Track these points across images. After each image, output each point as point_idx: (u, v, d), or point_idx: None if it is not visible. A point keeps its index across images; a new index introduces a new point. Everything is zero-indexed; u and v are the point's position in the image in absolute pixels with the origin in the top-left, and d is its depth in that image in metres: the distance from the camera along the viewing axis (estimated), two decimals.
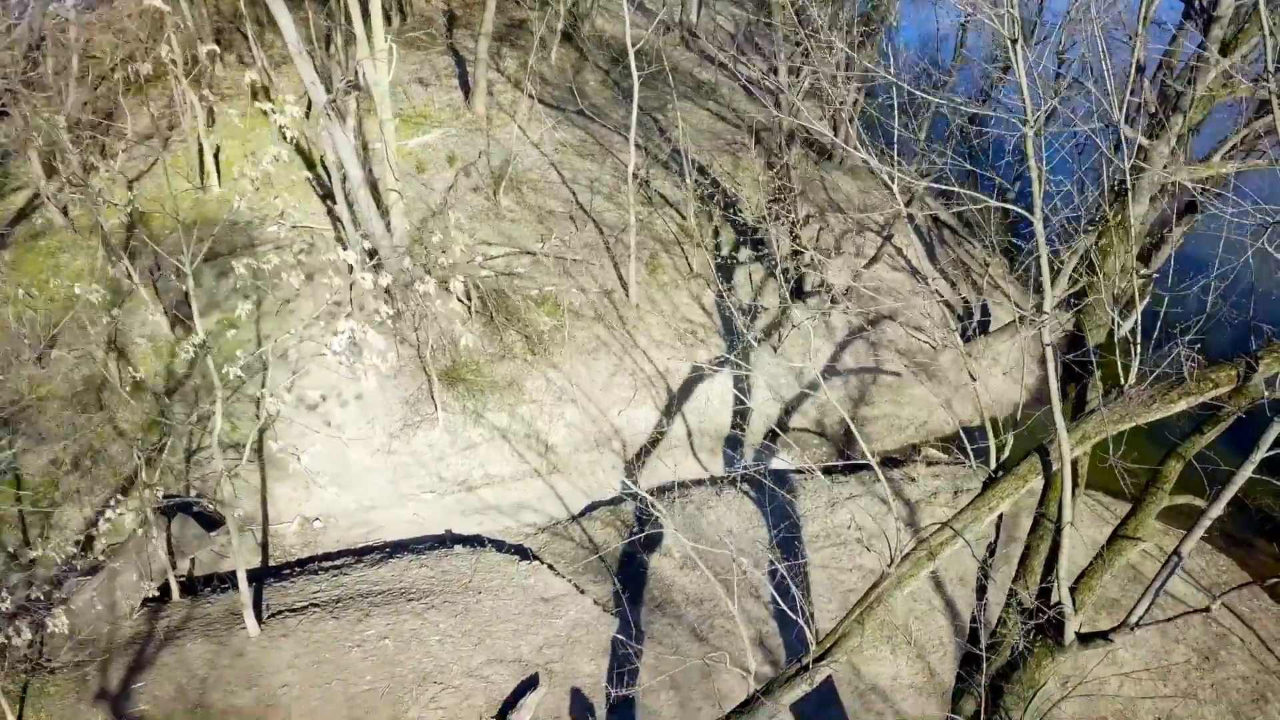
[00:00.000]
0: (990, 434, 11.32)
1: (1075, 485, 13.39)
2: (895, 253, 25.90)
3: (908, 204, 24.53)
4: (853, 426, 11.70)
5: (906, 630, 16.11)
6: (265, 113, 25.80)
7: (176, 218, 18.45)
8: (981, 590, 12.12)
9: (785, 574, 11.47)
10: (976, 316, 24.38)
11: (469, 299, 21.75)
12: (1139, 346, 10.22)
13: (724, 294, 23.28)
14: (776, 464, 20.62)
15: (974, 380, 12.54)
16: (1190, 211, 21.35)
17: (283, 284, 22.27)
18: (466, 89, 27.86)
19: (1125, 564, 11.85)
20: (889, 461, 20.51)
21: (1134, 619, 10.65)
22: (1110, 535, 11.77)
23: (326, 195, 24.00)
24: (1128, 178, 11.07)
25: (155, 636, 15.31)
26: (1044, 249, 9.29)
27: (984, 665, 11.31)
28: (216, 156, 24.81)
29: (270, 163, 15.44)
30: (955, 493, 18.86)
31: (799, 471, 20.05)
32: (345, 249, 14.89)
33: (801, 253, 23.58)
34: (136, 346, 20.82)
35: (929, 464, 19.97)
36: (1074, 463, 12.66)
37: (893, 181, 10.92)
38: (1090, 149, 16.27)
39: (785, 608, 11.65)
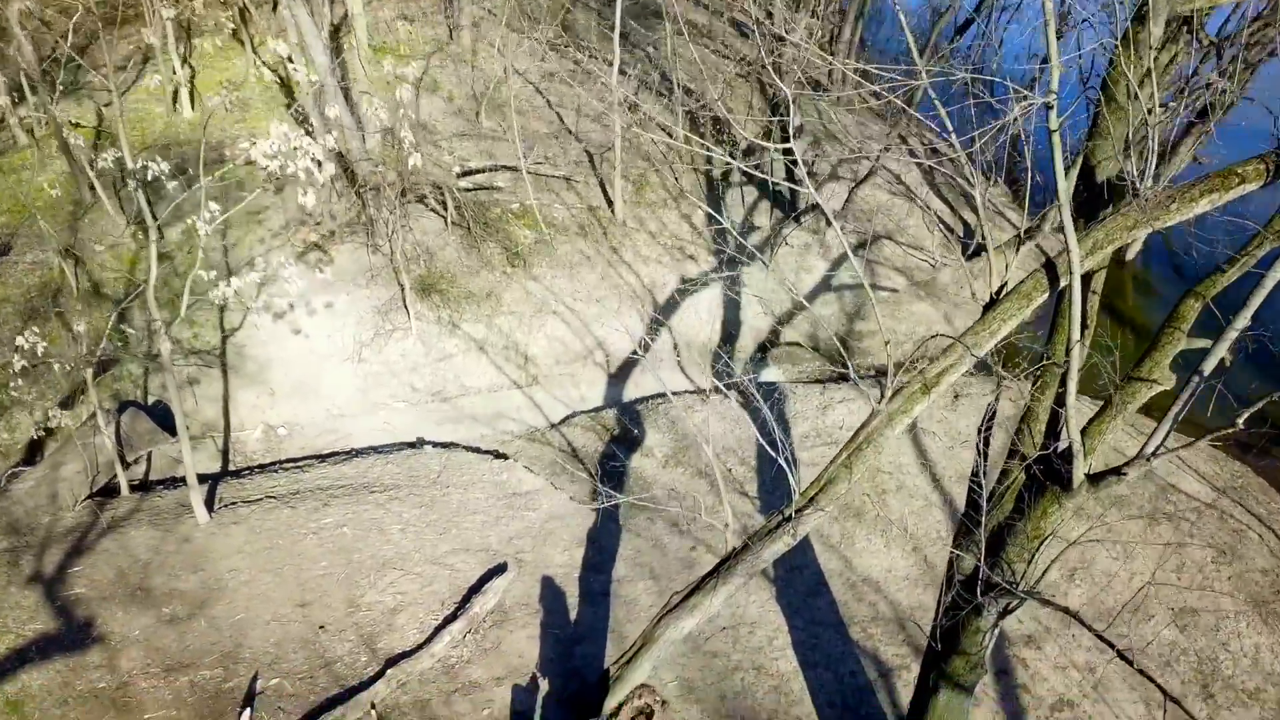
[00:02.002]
0: (990, 256, 10.32)
1: (1085, 326, 12.39)
2: (894, 179, 24.94)
3: (896, 120, 23.59)
4: (877, 311, 10.72)
5: (902, 524, 15.09)
6: (241, 41, 25.20)
7: (120, 116, 17.47)
8: (988, 417, 11.07)
9: (769, 416, 10.47)
10: (977, 237, 23.37)
11: (446, 209, 20.82)
12: (1155, 143, 9.20)
13: (715, 211, 22.34)
14: (766, 376, 19.64)
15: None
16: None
17: (251, 195, 21.57)
18: (452, 27, 27.05)
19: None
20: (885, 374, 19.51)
21: (1150, 449, 9.63)
22: (1123, 377, 10.76)
23: (303, 120, 23.16)
24: None
25: (98, 526, 14.32)
26: (1051, 14, 8.28)
27: (983, 513, 10.29)
28: (191, 83, 24.01)
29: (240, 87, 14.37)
30: (955, 396, 17.87)
31: (791, 382, 19.05)
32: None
33: (794, 171, 22.61)
34: (96, 255, 19.88)
35: None
36: (1084, 283, 11.65)
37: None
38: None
39: (766, 445, 10.66)
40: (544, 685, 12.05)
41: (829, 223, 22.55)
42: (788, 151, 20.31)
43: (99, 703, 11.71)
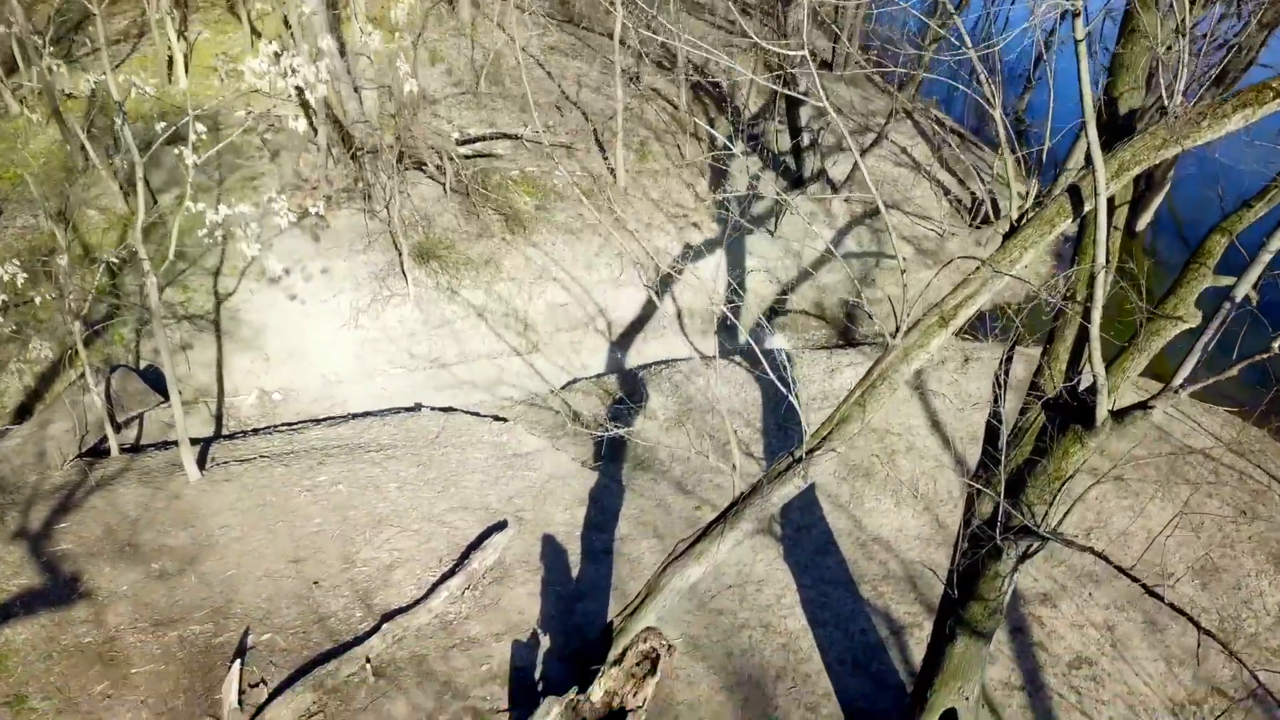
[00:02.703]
0: (1010, 181, 9.91)
1: (1109, 260, 11.98)
2: (900, 151, 24.55)
3: (898, 93, 23.19)
4: (899, 251, 10.28)
5: (912, 485, 14.69)
6: (237, 15, 24.84)
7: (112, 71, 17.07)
8: (1009, 349, 10.67)
9: (779, 355, 10.07)
10: (985, 209, 22.97)
11: (444, 174, 20.42)
12: (1186, 55, 8.78)
13: (719, 181, 21.95)
14: (772, 344, 19.24)
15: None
16: None
17: (247, 161, 21.19)
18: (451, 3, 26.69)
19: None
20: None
21: (1178, 381, 9.22)
22: (1147, 315, 10.36)
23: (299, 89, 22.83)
24: None
25: (86, 484, 13.92)
26: None
27: (1003, 452, 9.89)
28: (186, 57, 23.64)
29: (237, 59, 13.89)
30: (965, 359, 17.47)
31: (797, 348, 18.66)
32: None
33: (800, 137, 22.23)
34: (89, 219, 19.50)
35: None
36: (1110, 207, 11.22)
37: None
38: None
39: (777, 380, 10.26)
40: (545, 641, 11.66)
41: (826, 189, 22.18)
42: (800, 61, 19.62)
43: (85, 657, 11.31)
